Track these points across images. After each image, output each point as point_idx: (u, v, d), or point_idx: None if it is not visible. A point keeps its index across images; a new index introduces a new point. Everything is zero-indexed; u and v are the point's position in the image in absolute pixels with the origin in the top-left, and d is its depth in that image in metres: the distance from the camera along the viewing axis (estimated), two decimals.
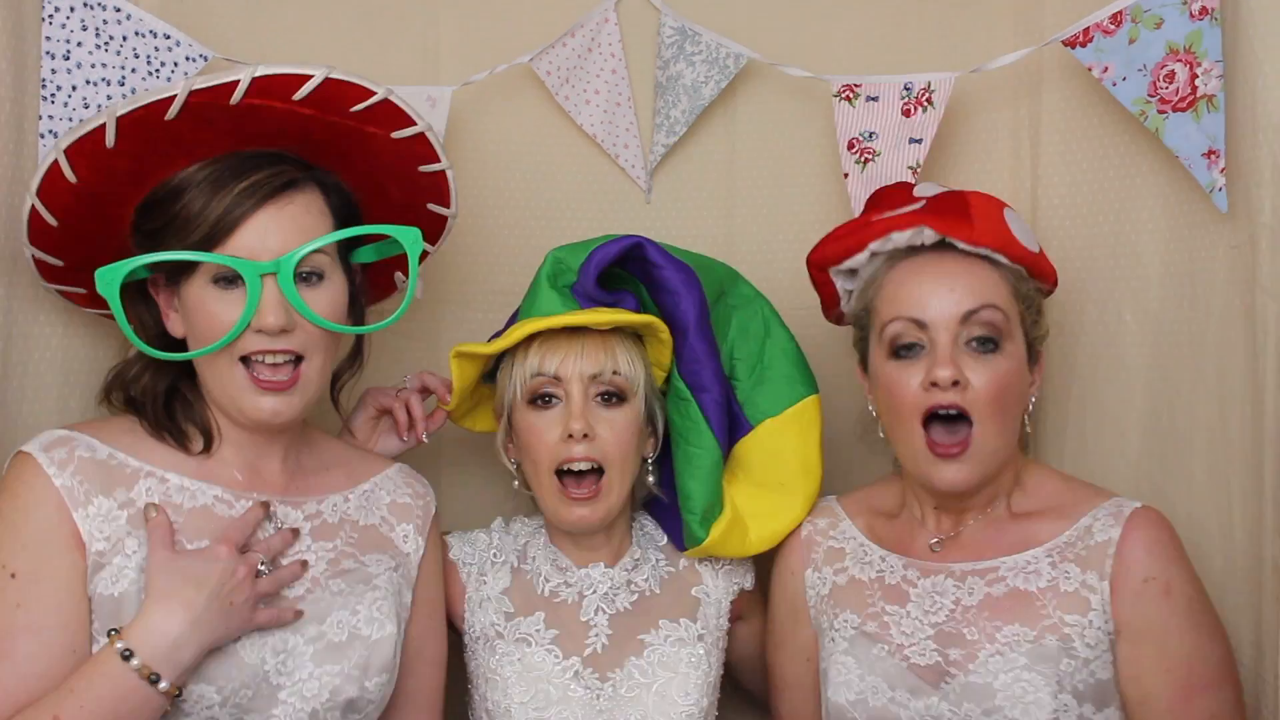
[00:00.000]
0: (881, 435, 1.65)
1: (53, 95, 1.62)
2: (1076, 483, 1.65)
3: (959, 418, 1.54)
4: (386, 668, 1.52)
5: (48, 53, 1.62)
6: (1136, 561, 1.50)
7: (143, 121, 1.41)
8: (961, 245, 1.57)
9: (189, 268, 1.45)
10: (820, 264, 1.71)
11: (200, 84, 1.40)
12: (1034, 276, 1.62)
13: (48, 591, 1.37)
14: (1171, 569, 1.51)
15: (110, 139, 1.41)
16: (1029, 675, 1.48)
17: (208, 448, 1.51)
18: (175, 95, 1.40)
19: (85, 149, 1.43)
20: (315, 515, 1.56)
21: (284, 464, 1.56)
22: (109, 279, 1.44)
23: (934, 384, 1.52)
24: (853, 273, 1.69)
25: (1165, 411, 1.76)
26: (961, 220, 1.56)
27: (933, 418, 1.55)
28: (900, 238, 1.60)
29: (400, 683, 1.59)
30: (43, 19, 1.61)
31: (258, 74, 1.41)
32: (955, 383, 1.52)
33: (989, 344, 1.54)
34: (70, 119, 1.62)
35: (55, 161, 1.44)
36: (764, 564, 1.82)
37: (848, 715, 1.58)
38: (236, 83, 1.41)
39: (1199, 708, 1.47)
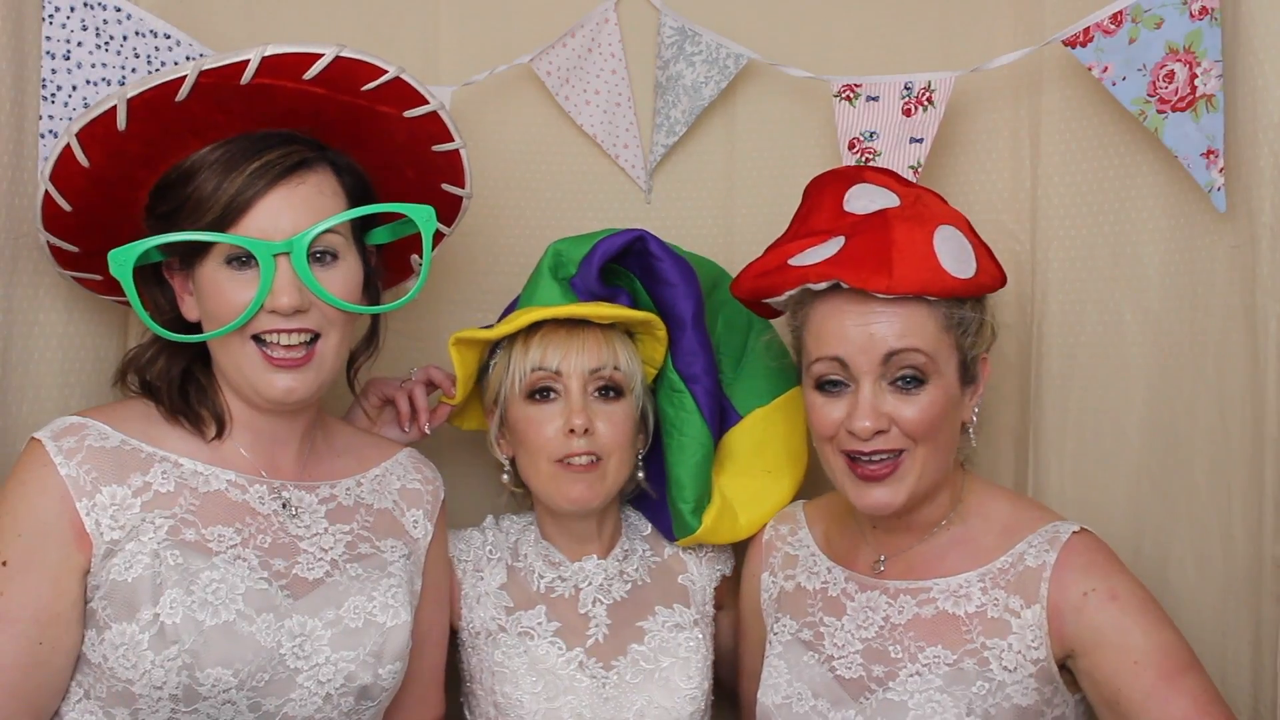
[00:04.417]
0: None
1: (53, 95, 1.62)
2: (1023, 504, 1.65)
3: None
4: (400, 656, 1.52)
5: (48, 53, 1.62)
6: (1073, 581, 1.50)
7: (153, 103, 1.41)
8: (880, 296, 1.50)
9: (202, 250, 1.45)
10: (741, 298, 1.70)
11: (210, 64, 1.40)
12: (972, 296, 1.55)
13: (32, 582, 1.38)
14: (1113, 578, 1.50)
15: (121, 122, 1.42)
16: (940, 697, 1.49)
17: (219, 433, 1.51)
18: (185, 76, 1.39)
19: (97, 133, 1.43)
20: (330, 499, 1.57)
21: (297, 449, 1.57)
22: (122, 261, 1.44)
23: (852, 433, 1.52)
24: None
25: (1166, 411, 1.76)
26: (879, 269, 1.47)
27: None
28: (816, 286, 1.54)
29: (412, 664, 1.59)
30: (43, 19, 1.61)
31: (268, 53, 1.42)
32: (878, 432, 1.51)
33: (913, 382, 1.52)
34: (70, 119, 1.62)
35: (68, 146, 1.44)
36: (742, 553, 1.85)
37: (772, 718, 1.61)
38: (246, 62, 1.41)
39: (1186, 687, 1.44)
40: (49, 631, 1.39)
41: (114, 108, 1.41)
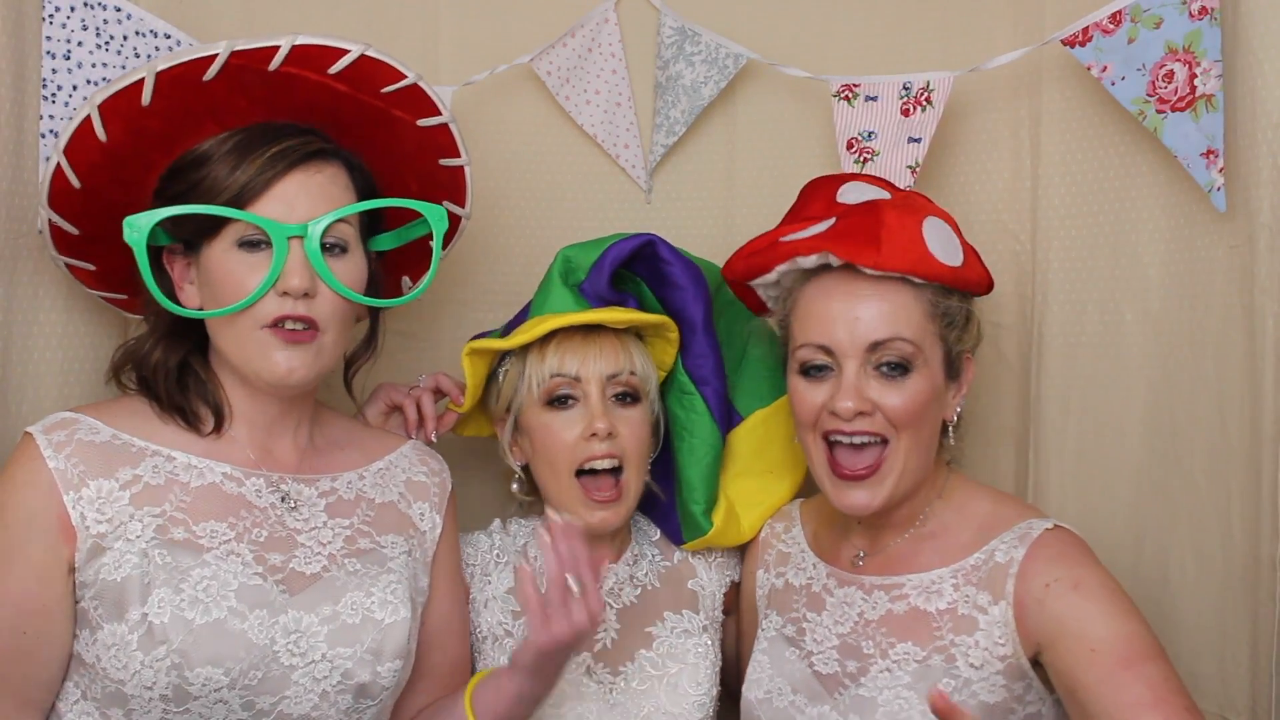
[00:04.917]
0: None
1: (53, 95, 1.63)
2: (1006, 502, 1.64)
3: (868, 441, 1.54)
4: (400, 654, 1.50)
5: (48, 52, 1.62)
6: (1036, 573, 1.48)
7: (180, 80, 1.42)
8: (868, 271, 1.52)
9: (212, 232, 1.45)
10: (732, 280, 1.71)
11: (243, 45, 1.42)
12: (958, 289, 1.57)
13: (16, 573, 1.39)
14: (1078, 569, 1.48)
15: (147, 96, 1.42)
16: (907, 693, 1.49)
17: (218, 427, 1.51)
18: (217, 54, 1.41)
19: (120, 106, 1.44)
20: (330, 492, 1.56)
21: (295, 441, 1.56)
22: (138, 226, 1.44)
23: (834, 413, 1.53)
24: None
25: (1166, 411, 1.76)
26: (868, 245, 1.50)
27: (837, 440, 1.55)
28: (806, 261, 1.56)
29: (430, 657, 1.60)
30: (43, 19, 1.61)
31: (298, 41, 1.44)
32: (860, 413, 1.51)
33: (898, 369, 1.53)
34: (71, 119, 1.62)
35: (88, 118, 1.44)
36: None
37: (754, 713, 1.62)
38: (277, 48, 1.43)
39: (1144, 675, 1.39)
40: (33, 622, 1.39)
41: (141, 80, 1.41)
